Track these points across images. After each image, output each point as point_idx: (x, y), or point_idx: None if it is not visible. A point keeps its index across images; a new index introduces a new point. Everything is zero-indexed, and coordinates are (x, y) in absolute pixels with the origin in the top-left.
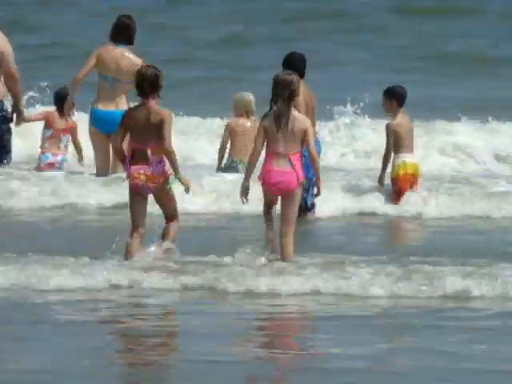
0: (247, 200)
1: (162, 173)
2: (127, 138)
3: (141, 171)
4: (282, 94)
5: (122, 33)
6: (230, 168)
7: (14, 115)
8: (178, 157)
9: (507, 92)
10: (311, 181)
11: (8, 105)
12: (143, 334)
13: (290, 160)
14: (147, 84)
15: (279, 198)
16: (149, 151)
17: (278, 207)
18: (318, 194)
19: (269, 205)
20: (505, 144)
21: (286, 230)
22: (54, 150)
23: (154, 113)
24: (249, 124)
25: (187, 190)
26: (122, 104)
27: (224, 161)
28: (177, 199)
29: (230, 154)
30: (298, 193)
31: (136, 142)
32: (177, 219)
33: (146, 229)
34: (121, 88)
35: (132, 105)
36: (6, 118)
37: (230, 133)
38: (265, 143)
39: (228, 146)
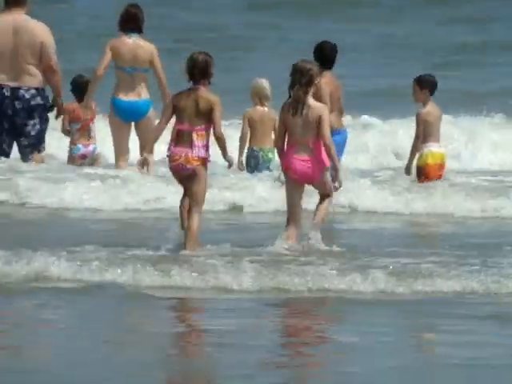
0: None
1: (203, 156)
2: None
3: (183, 153)
4: (300, 81)
5: (131, 22)
6: (251, 157)
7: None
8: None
9: None
10: None
11: (49, 94)
12: None
13: (309, 147)
14: (198, 70)
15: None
16: (194, 135)
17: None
18: (340, 185)
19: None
20: None
21: (325, 200)
22: (84, 141)
23: (204, 99)
24: (265, 110)
25: (230, 166)
26: (144, 93)
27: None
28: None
29: (249, 143)
30: (324, 175)
31: (182, 123)
32: (201, 208)
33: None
34: (139, 77)
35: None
36: (45, 106)
37: (248, 121)
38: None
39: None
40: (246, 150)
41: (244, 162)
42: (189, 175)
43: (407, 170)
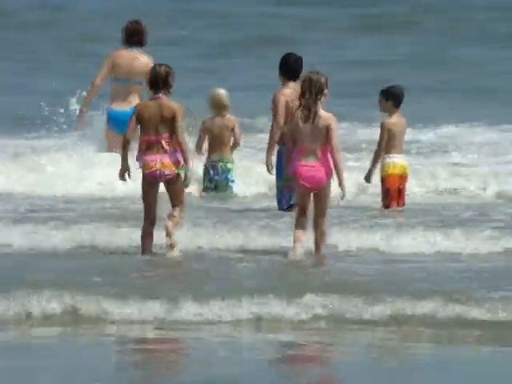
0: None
1: (176, 162)
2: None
3: (157, 160)
4: (310, 90)
5: (133, 36)
6: (210, 168)
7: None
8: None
9: None
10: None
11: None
12: None
13: (316, 154)
14: (161, 80)
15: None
16: (163, 142)
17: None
18: (344, 195)
19: (302, 207)
20: None
21: (320, 221)
22: None
23: (167, 107)
24: (224, 121)
25: (187, 184)
26: (134, 102)
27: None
28: None
29: (208, 154)
30: (329, 186)
31: (149, 134)
32: (182, 208)
33: (156, 216)
34: (134, 88)
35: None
36: None
37: (207, 132)
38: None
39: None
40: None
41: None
42: (167, 180)
43: (367, 179)
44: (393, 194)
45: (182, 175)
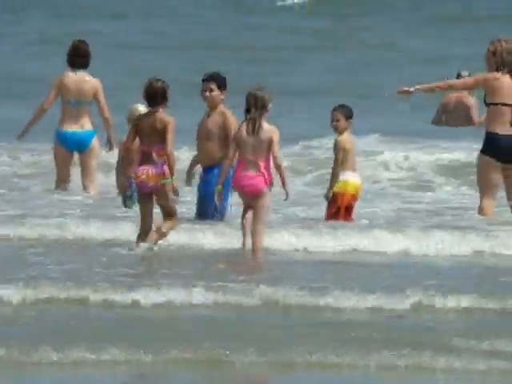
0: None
1: (162, 173)
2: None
3: (144, 171)
4: (256, 105)
5: (79, 58)
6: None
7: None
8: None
9: None
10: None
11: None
12: None
13: (257, 165)
14: (159, 95)
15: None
16: (154, 153)
17: None
18: (287, 197)
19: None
20: None
21: (257, 227)
22: None
23: (160, 119)
24: None
25: (175, 192)
26: (87, 124)
27: None
28: None
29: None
30: (267, 194)
31: (143, 145)
32: (175, 217)
33: (151, 226)
34: (83, 109)
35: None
36: None
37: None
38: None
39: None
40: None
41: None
42: (154, 192)
43: (327, 197)
44: (342, 211)
45: (169, 187)
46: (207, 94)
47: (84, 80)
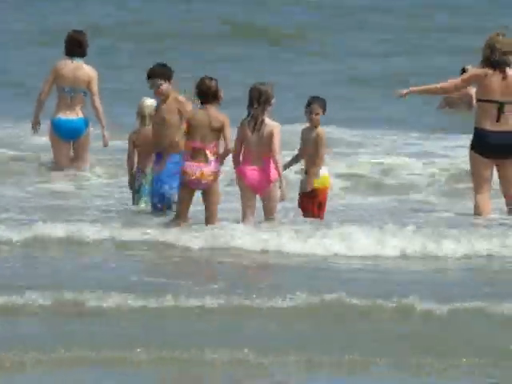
0: None
1: (216, 171)
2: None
3: (198, 168)
4: (258, 100)
5: (76, 47)
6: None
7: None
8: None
9: None
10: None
11: None
12: None
13: (261, 160)
14: (212, 94)
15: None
16: (208, 151)
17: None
18: (283, 198)
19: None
20: None
21: (269, 220)
22: None
23: (215, 118)
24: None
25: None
26: (81, 112)
27: None
28: None
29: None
30: (272, 190)
31: (195, 141)
32: (216, 217)
33: (186, 219)
34: (78, 97)
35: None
36: None
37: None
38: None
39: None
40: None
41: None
42: (204, 189)
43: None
44: (324, 207)
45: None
46: (158, 90)
47: (80, 68)
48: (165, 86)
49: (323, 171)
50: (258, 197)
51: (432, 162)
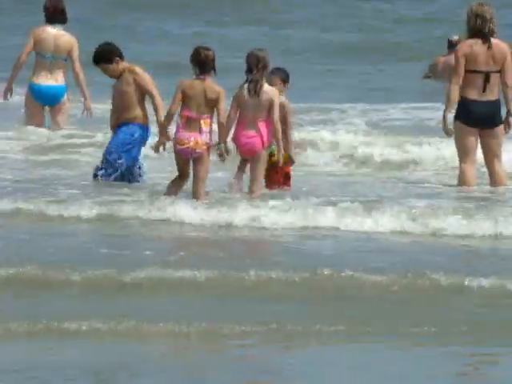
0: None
1: (209, 142)
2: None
3: (192, 137)
4: (257, 66)
5: (56, 14)
6: None
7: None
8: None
9: None
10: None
11: None
12: None
13: (256, 125)
14: (210, 63)
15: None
16: (202, 122)
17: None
18: (293, 161)
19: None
20: None
21: (253, 187)
22: None
23: (211, 89)
24: None
25: (222, 159)
26: (61, 78)
27: None
28: None
29: None
30: (263, 154)
31: (191, 111)
32: (204, 183)
33: (188, 177)
34: (58, 64)
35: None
36: None
37: None
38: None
39: None
40: None
41: None
42: (196, 158)
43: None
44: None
45: (211, 153)
46: (107, 74)
47: (61, 35)
48: (111, 67)
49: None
50: None
51: None
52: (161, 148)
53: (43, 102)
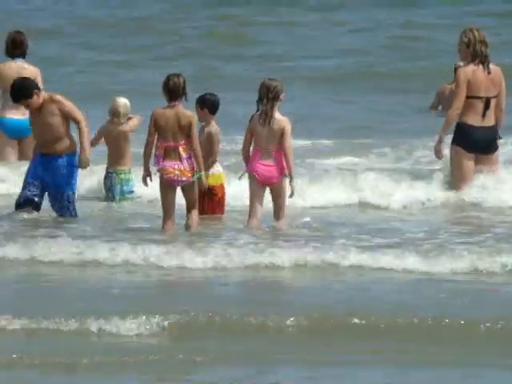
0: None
1: (192, 167)
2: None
3: (175, 166)
4: (267, 96)
5: (17, 47)
6: (106, 179)
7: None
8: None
9: None
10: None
11: None
12: None
13: (272, 154)
14: (180, 90)
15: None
16: (181, 149)
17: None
18: (292, 194)
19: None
20: None
21: (279, 214)
22: None
23: (183, 115)
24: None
25: (203, 186)
26: (26, 112)
27: None
28: None
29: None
30: (282, 184)
31: (168, 141)
32: (196, 209)
33: (175, 217)
34: None
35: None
36: None
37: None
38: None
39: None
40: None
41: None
42: (183, 186)
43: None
44: (224, 203)
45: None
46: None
47: (23, 68)
48: (32, 101)
49: (219, 168)
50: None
51: None
52: (148, 179)
53: (10, 135)
